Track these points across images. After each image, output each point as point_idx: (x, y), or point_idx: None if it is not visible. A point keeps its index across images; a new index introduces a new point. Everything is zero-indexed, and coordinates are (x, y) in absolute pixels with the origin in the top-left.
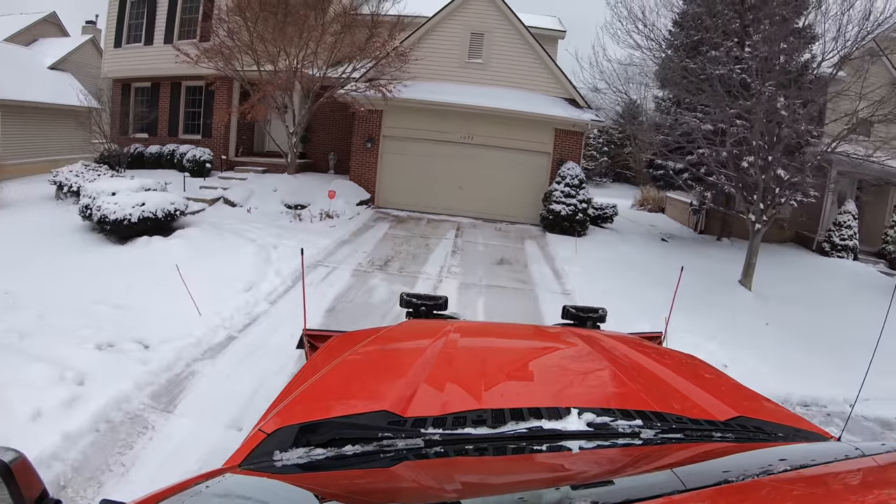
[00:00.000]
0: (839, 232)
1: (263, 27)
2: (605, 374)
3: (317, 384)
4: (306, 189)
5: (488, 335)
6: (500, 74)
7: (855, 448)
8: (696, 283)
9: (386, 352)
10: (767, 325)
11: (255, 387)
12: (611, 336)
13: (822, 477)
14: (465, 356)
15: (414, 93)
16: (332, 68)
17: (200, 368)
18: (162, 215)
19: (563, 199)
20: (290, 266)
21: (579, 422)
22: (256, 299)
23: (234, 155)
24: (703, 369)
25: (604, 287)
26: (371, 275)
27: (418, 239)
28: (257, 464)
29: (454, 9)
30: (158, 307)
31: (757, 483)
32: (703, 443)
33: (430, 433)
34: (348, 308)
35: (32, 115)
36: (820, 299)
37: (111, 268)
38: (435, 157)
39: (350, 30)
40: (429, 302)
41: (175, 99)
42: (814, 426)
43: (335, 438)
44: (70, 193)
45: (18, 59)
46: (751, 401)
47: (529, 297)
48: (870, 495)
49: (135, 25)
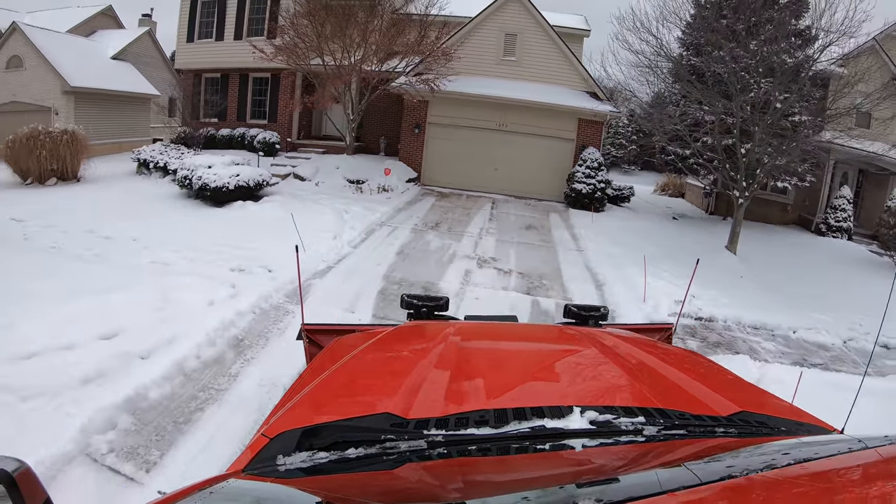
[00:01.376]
0: (834, 214)
1: (328, 29)
2: (607, 372)
3: (319, 387)
4: (363, 167)
5: (490, 335)
6: (531, 70)
7: (858, 441)
8: (691, 249)
9: (387, 353)
10: (742, 279)
11: (356, 292)
12: (612, 334)
13: (825, 470)
14: (467, 357)
15: (456, 86)
16: (386, 63)
17: (314, 283)
18: (253, 184)
19: (584, 179)
20: (362, 224)
21: (582, 420)
22: (341, 244)
23: (296, 138)
24: (704, 365)
25: (609, 247)
26: (426, 232)
27: (460, 209)
28: (261, 468)
29: (490, 12)
30: (268, 247)
31: (761, 477)
32: (707, 438)
33: (433, 434)
34: (412, 252)
35: (99, 100)
36: (797, 266)
37: (217, 223)
38: (473, 142)
39: (402, 31)
40: (430, 303)
41: (243, 88)
42: (817, 419)
43: (338, 441)
44: (156, 168)
45: (85, 50)
46: (753, 395)
47: (550, 251)
48: (873, 487)
49: (205, 23)
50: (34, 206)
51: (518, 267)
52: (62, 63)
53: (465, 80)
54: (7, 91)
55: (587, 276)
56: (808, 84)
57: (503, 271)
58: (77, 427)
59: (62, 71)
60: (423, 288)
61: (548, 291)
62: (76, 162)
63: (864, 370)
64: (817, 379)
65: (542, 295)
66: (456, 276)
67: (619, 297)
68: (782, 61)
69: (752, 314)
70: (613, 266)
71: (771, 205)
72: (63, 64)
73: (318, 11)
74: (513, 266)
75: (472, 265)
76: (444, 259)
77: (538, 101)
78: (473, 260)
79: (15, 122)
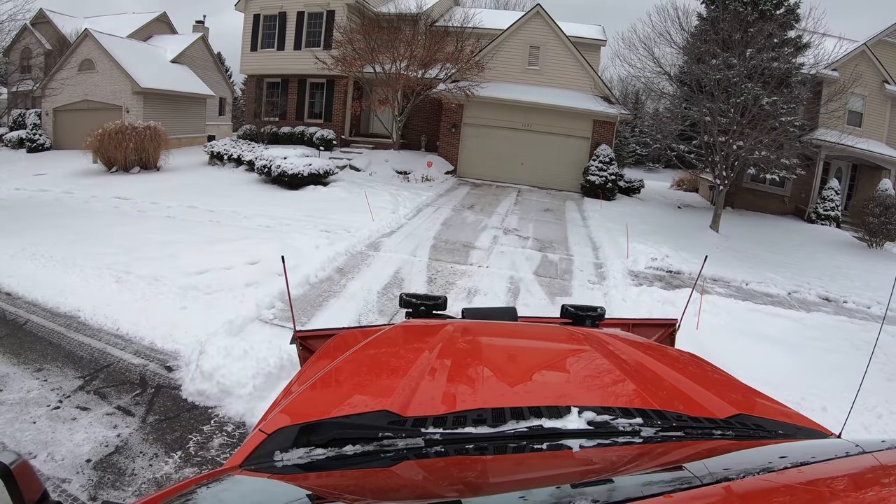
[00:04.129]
0: (823, 204)
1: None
2: (605, 373)
3: (317, 384)
4: (408, 161)
5: (488, 334)
6: (552, 78)
7: (855, 445)
8: (681, 228)
9: (385, 351)
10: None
11: (415, 246)
12: (610, 334)
13: (822, 474)
14: (465, 355)
15: (488, 92)
16: (427, 70)
17: (383, 240)
18: (322, 172)
19: (597, 172)
20: (412, 204)
21: (580, 420)
22: (398, 217)
23: (348, 135)
24: (703, 367)
25: (609, 224)
26: (463, 211)
27: (491, 196)
28: (258, 464)
29: (516, 28)
30: (343, 217)
31: (757, 481)
32: (704, 441)
33: (431, 432)
34: (454, 224)
35: (164, 100)
36: (774, 244)
37: (297, 201)
38: (502, 140)
39: (441, 44)
40: (428, 302)
41: (301, 91)
42: (814, 423)
43: (335, 438)
44: (230, 160)
45: (147, 54)
46: (751, 398)
47: (561, 226)
48: (870, 492)
49: (268, 35)
50: (132, 189)
51: (535, 235)
52: (130, 66)
53: (496, 87)
54: (79, 91)
55: (587, 241)
56: (799, 87)
57: (523, 237)
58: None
59: (132, 73)
60: (463, 245)
61: (555, 250)
62: (157, 153)
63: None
64: (749, 307)
65: (550, 252)
66: (487, 239)
67: (608, 255)
68: (773, 68)
69: (714, 271)
70: (609, 237)
71: (770, 197)
72: (131, 67)
73: (370, 27)
74: (530, 234)
75: (499, 233)
76: (478, 228)
77: (558, 104)
78: (500, 230)
79: (87, 119)
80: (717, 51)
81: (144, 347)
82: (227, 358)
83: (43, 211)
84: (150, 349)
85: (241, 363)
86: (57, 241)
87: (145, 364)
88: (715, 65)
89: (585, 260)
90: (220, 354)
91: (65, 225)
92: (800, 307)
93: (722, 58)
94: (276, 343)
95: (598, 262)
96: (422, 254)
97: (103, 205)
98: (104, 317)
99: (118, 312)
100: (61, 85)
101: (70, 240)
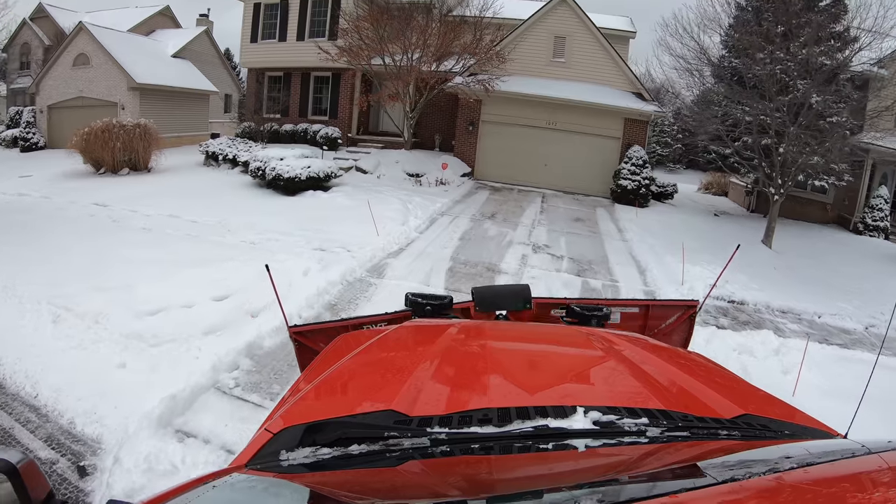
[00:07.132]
0: (871, 214)
1: (389, 32)
2: (610, 373)
3: (322, 384)
4: (421, 162)
5: (493, 334)
6: (579, 71)
7: (861, 446)
8: (728, 242)
9: (391, 351)
10: (775, 270)
11: (428, 270)
12: (616, 334)
13: (828, 475)
14: (470, 355)
15: (509, 86)
16: (442, 63)
17: (389, 261)
18: (322, 175)
19: (629, 176)
20: (425, 213)
21: (585, 420)
22: (408, 230)
23: (355, 133)
24: (708, 367)
25: (650, 239)
26: (483, 221)
27: (513, 202)
28: (263, 464)
29: (540, 16)
30: (344, 230)
31: (763, 481)
32: (709, 441)
33: (436, 432)
34: (474, 238)
35: (162, 96)
36: (829, 261)
37: (293, 210)
38: (524, 139)
39: (457, 33)
40: (434, 302)
41: (305, 86)
42: (820, 424)
43: (341, 438)
44: (225, 160)
45: (147, 48)
46: (757, 399)
47: (597, 240)
48: (876, 493)
49: (268, 25)
50: (114, 193)
51: (568, 253)
52: (127, 61)
53: (517, 80)
54: (74, 87)
55: (630, 261)
56: (847, 86)
57: (555, 256)
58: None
59: (128, 68)
60: (486, 268)
61: (595, 274)
62: (147, 154)
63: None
64: (834, 354)
65: (590, 276)
66: (514, 259)
67: (658, 280)
68: (820, 63)
69: (780, 300)
70: (653, 255)
71: (811, 204)
72: (128, 62)
73: (379, 15)
74: (563, 252)
75: (528, 251)
76: (502, 244)
77: (586, 100)
78: (528, 246)
79: (81, 116)
80: (761, 43)
81: (60, 429)
82: (148, 474)
83: (10, 219)
84: (68, 433)
85: (167, 483)
86: (12, 259)
87: (54, 461)
88: (761, 59)
89: (633, 286)
90: (140, 467)
91: (27, 240)
92: (886, 349)
93: (768, 51)
94: (235, 430)
95: (648, 291)
96: (436, 282)
97: (78, 212)
98: (25, 375)
99: (44, 368)
100: (55, 81)
101: (26, 258)
